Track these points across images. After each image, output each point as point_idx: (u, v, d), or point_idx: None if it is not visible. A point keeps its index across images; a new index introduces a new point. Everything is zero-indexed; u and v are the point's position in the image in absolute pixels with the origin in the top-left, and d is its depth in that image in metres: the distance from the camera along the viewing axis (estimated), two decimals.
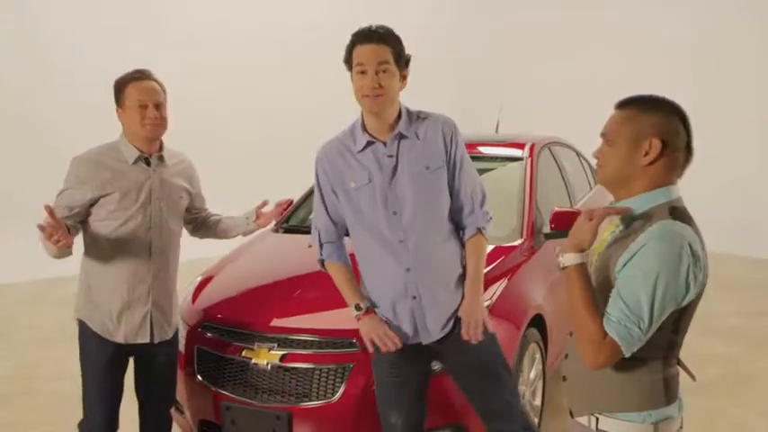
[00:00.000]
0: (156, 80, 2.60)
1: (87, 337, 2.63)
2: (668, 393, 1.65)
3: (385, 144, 2.28)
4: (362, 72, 2.18)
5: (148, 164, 2.62)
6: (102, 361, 2.62)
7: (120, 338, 2.61)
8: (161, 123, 2.58)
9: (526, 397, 3.20)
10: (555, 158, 4.44)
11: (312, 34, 9.02)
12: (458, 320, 2.33)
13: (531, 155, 3.96)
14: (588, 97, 8.06)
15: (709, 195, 7.51)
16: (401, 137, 2.28)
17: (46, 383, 4.48)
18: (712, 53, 8.08)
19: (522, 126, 4.98)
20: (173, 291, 2.76)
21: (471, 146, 3.16)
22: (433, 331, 2.34)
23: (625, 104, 1.69)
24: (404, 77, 2.25)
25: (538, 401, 3.40)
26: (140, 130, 2.55)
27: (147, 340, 2.64)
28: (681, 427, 1.71)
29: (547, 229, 3.58)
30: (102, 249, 2.57)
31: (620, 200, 1.70)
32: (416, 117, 2.33)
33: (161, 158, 2.66)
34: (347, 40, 2.24)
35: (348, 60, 2.23)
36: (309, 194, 4.32)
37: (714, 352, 4.76)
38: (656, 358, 1.64)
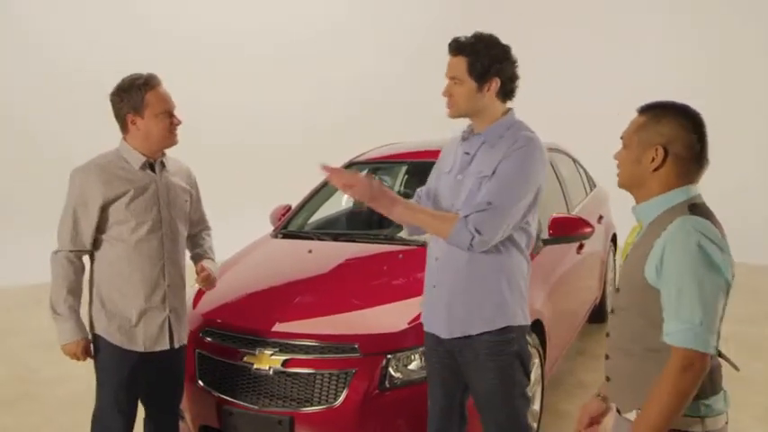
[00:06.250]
0: None
1: (106, 351, 2.57)
2: (712, 384, 1.68)
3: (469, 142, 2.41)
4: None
5: (153, 170, 2.60)
6: (121, 374, 2.57)
7: (138, 347, 2.57)
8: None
9: None
10: (552, 165, 4.48)
11: (315, 39, 9.03)
12: (478, 337, 2.34)
13: None
14: (588, 103, 8.12)
15: (709, 200, 7.58)
16: (483, 141, 2.36)
17: (43, 387, 4.47)
18: (714, 60, 8.14)
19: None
20: (185, 294, 2.75)
21: None
22: (441, 326, 2.38)
23: (642, 111, 1.78)
24: (488, 86, 2.30)
25: (536, 406, 3.42)
26: (167, 137, 2.55)
27: (166, 347, 2.61)
28: (726, 423, 1.74)
29: (545, 235, 3.61)
30: (114, 258, 2.53)
31: (640, 201, 1.77)
32: (515, 129, 2.34)
33: (163, 164, 2.64)
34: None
35: None
36: (308, 200, 4.35)
37: None
38: None
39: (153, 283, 2.57)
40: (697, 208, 1.68)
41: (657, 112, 1.73)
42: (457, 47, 2.30)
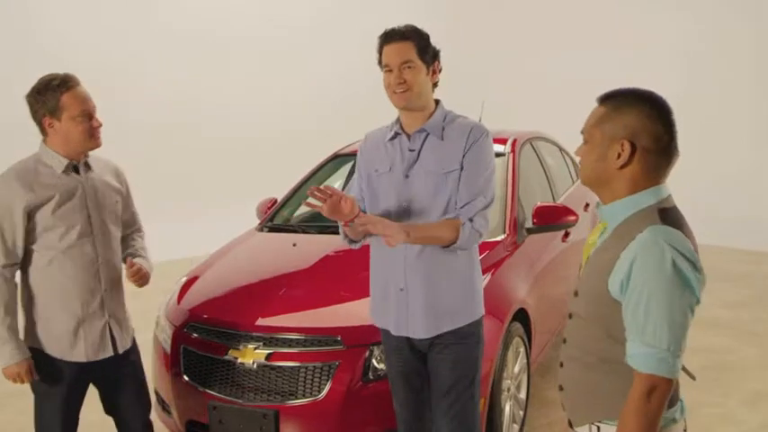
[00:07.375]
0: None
1: (45, 364, 2.44)
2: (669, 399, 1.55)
3: (409, 138, 2.36)
4: (389, 70, 2.28)
5: (77, 172, 2.47)
6: (63, 387, 2.46)
7: (81, 357, 2.45)
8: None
9: (511, 390, 3.24)
10: (537, 153, 4.48)
11: (301, 33, 8.96)
12: (448, 334, 2.35)
13: (512, 150, 3.99)
14: (573, 93, 8.06)
15: (697, 188, 7.57)
16: (426, 134, 2.33)
17: None
18: (706, 46, 8.04)
19: (505, 121, 5.03)
20: (123, 298, 2.63)
21: None
22: (416, 328, 2.36)
23: (602, 100, 1.61)
24: (434, 71, 2.33)
25: (523, 394, 3.43)
26: (87, 142, 2.42)
27: (110, 354, 2.51)
28: (685, 430, 1.65)
29: (529, 224, 3.61)
30: (45, 267, 2.40)
31: (606, 201, 1.61)
32: (451, 119, 2.36)
33: (87, 165, 2.51)
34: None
35: (380, 61, 2.32)
36: (293, 194, 4.33)
37: (697, 342, 4.78)
38: None
39: (89, 289, 2.45)
40: (668, 213, 1.52)
41: (618, 101, 1.56)
42: (402, 33, 2.27)
